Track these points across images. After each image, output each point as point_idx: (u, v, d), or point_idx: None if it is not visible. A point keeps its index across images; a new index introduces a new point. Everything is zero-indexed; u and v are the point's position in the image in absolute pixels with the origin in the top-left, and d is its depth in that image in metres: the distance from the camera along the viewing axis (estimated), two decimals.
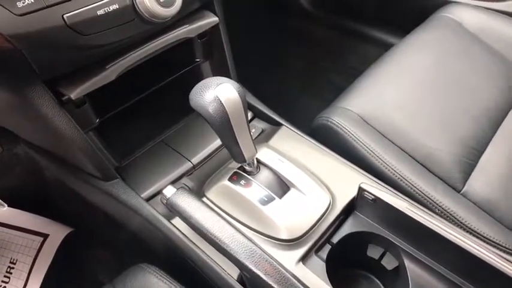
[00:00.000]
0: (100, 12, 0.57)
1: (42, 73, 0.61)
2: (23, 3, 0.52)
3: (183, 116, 0.92)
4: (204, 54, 0.89)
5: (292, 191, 0.70)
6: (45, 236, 1.08)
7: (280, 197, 0.68)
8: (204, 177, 0.79)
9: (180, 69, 0.88)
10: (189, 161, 0.82)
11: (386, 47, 1.15)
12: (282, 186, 0.70)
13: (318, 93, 1.44)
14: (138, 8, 0.60)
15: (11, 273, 1.05)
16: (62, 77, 0.65)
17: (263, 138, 0.85)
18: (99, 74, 0.66)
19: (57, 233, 1.09)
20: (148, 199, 0.76)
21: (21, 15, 0.52)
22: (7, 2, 0.51)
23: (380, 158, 0.80)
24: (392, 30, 1.42)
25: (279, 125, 0.87)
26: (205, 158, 0.83)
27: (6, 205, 0.72)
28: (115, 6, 0.58)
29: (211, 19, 0.79)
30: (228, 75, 0.90)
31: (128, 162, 0.83)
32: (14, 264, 1.06)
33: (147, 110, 0.90)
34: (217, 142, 0.85)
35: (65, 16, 0.55)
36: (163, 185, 0.77)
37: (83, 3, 0.56)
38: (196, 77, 0.92)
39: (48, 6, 0.53)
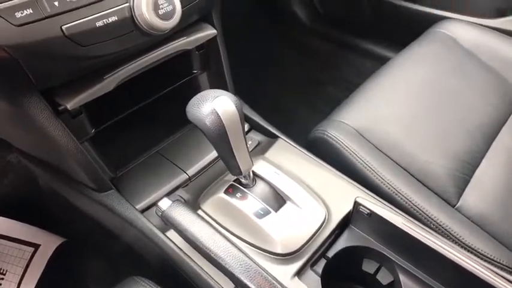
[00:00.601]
0: (99, 23, 0.57)
1: (39, 83, 0.60)
2: (22, 13, 0.51)
3: (179, 127, 0.91)
4: (202, 66, 0.89)
5: (288, 204, 0.69)
6: (36, 246, 1.07)
7: (276, 210, 0.68)
8: (199, 189, 0.79)
9: (177, 80, 0.88)
10: (185, 172, 0.81)
11: (382, 61, 1.16)
12: (278, 200, 0.70)
13: (314, 106, 1.45)
14: (137, 20, 0.60)
15: (0, 285, 1.03)
16: (59, 87, 0.64)
17: (259, 150, 0.85)
18: (97, 85, 0.66)
19: (49, 243, 1.07)
20: (143, 211, 0.75)
21: (19, 25, 0.52)
22: (5, 12, 0.50)
23: (375, 172, 0.80)
24: (388, 44, 1.44)
25: (276, 137, 0.87)
26: (201, 170, 0.83)
27: None
28: (114, 18, 0.58)
29: (209, 31, 0.79)
30: (225, 87, 0.90)
31: (123, 173, 0.82)
32: (4, 275, 1.04)
33: (143, 120, 0.90)
34: (213, 154, 0.85)
35: (63, 27, 0.55)
36: (159, 197, 0.77)
37: (82, 15, 0.56)
38: (194, 88, 0.92)
39: (47, 17, 0.53)
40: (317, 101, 1.50)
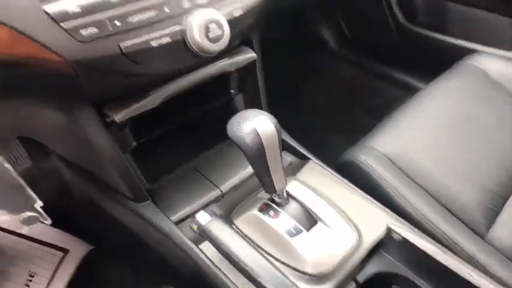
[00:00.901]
0: (153, 43, 0.61)
1: (93, 96, 0.65)
2: (86, 31, 0.55)
3: (213, 143, 0.94)
4: (239, 87, 0.92)
5: (319, 225, 0.71)
6: (65, 252, 1.10)
7: (308, 230, 0.69)
8: (231, 204, 0.80)
9: (214, 99, 0.92)
10: (218, 188, 0.84)
11: (411, 90, 1.18)
12: (310, 220, 0.71)
13: (341, 131, 1.46)
14: (188, 42, 0.64)
15: (28, 286, 1.06)
16: (109, 100, 0.68)
17: (291, 171, 0.86)
18: (144, 100, 0.69)
19: (78, 249, 1.10)
20: (176, 223, 0.78)
21: (83, 42, 0.56)
22: (72, 30, 0.54)
23: (405, 199, 0.81)
24: (417, 74, 1.46)
25: (306, 159, 0.89)
26: (234, 186, 0.85)
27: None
28: (168, 39, 0.62)
29: (250, 55, 0.83)
30: (260, 109, 0.93)
31: (158, 185, 0.85)
32: (33, 277, 1.07)
33: (178, 134, 0.93)
34: (246, 171, 0.87)
35: (121, 45, 0.59)
36: (192, 211, 0.80)
37: (139, 35, 0.60)
38: (229, 107, 0.95)
39: (108, 36, 0.57)
40: (344, 126, 1.52)
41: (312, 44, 1.81)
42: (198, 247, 0.71)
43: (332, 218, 0.72)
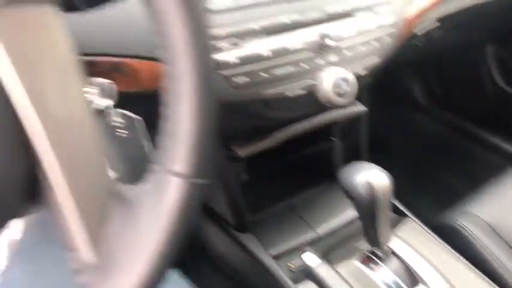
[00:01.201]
0: (289, 94, 0.68)
1: (228, 132, 0.72)
2: (238, 79, 0.63)
3: (311, 184, 0.98)
4: (341, 135, 0.97)
5: (420, 286, 0.71)
6: None
7: None
8: (327, 248, 0.83)
9: (316, 143, 0.97)
10: (315, 231, 0.87)
11: (506, 156, 1.14)
12: (411, 279, 0.72)
13: (429, 190, 1.44)
14: (319, 95, 0.69)
15: None
16: (235, 137, 0.76)
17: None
18: (266, 140, 0.76)
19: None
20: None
21: (234, 87, 0.63)
22: (228, 78, 0.62)
23: (509, 271, 0.79)
24: None
25: (403, 215, 0.90)
26: (330, 230, 0.88)
27: None
28: (302, 92, 0.68)
29: (360, 108, 0.87)
30: (360, 159, 0.97)
31: (258, 218, 0.91)
32: None
33: (279, 172, 0.99)
34: (345, 217, 0.90)
35: (264, 93, 0.66)
36: (286, 249, 0.83)
37: (279, 85, 0.67)
38: (329, 153, 0.99)
39: (255, 84, 0.65)
40: (432, 186, 1.48)
41: (397, 96, 1.81)
42: (296, 286, 0.75)
43: (434, 280, 0.72)
